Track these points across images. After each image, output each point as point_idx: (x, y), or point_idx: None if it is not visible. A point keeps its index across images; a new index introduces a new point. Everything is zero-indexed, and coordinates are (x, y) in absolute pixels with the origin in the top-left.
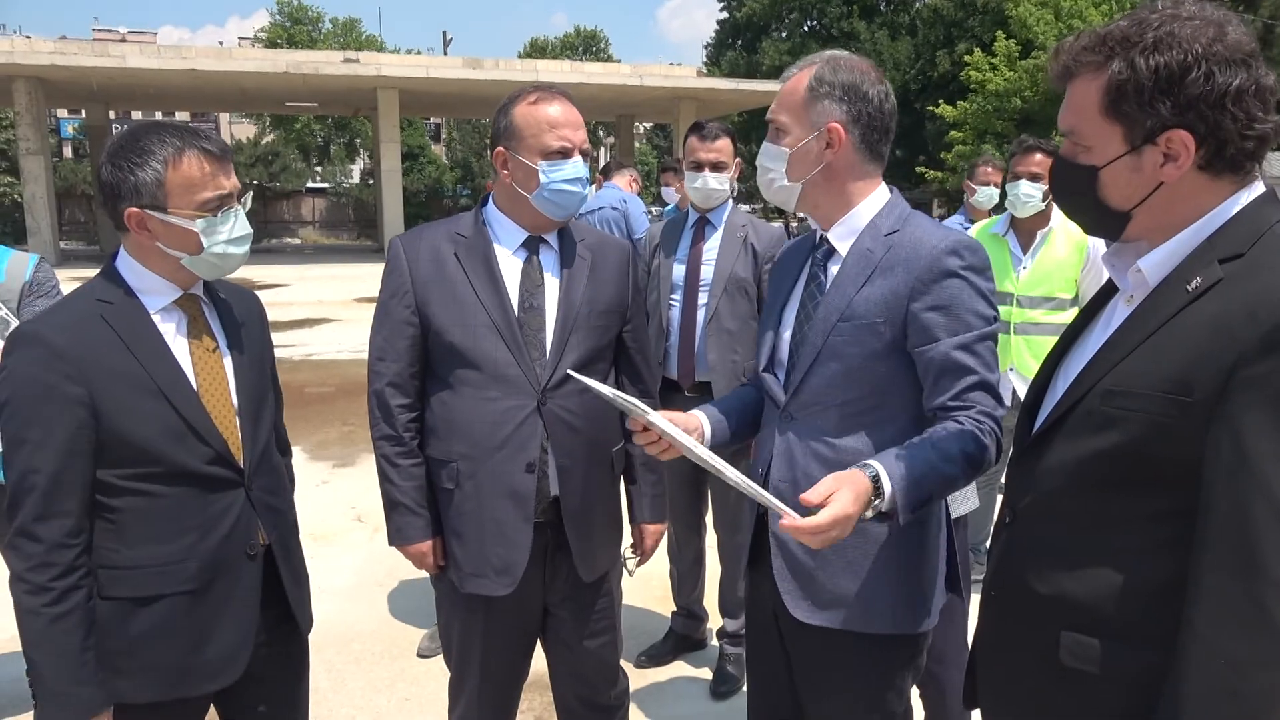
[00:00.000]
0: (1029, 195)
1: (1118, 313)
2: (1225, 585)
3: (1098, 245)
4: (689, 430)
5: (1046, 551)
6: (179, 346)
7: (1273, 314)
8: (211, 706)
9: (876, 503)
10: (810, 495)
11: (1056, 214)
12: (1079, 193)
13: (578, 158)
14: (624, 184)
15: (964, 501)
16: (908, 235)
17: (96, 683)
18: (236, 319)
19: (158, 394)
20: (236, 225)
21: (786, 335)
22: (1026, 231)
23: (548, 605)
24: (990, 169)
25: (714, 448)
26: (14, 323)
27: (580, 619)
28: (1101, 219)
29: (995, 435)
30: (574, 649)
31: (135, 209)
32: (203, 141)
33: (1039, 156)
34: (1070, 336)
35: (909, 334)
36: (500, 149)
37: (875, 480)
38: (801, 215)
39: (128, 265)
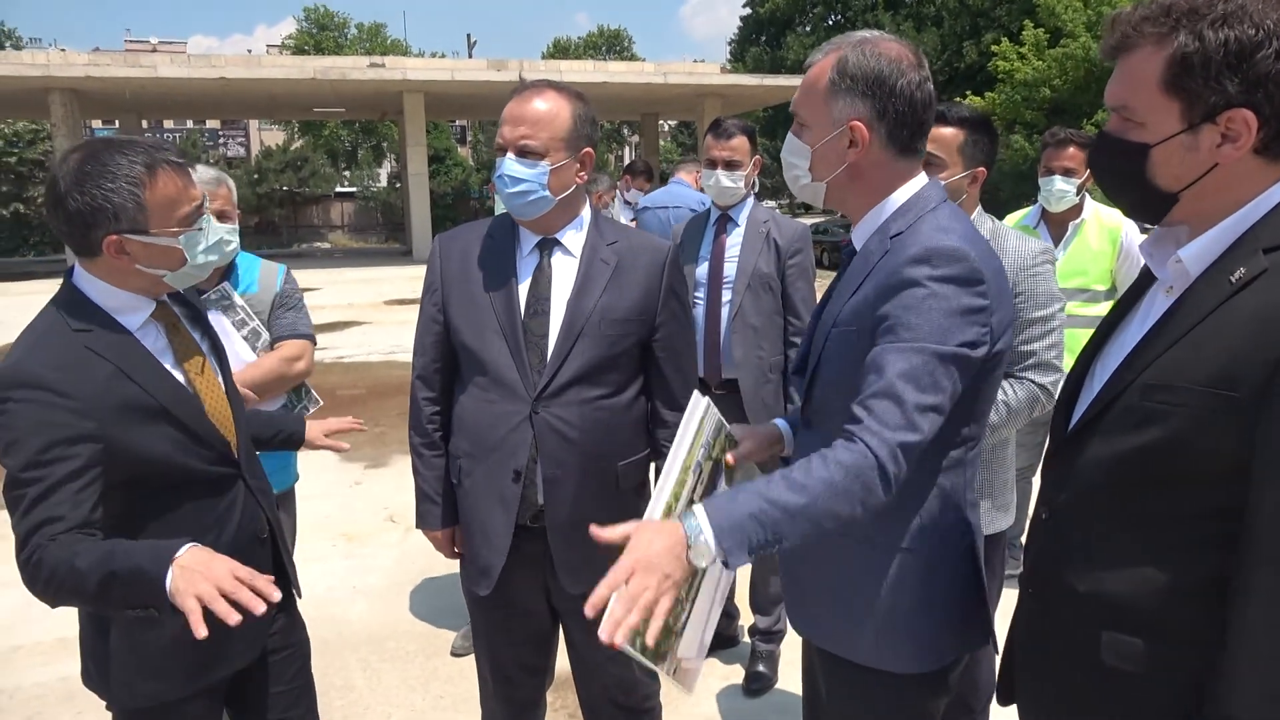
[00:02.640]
0: (1063, 191)
1: (1157, 304)
2: (1273, 585)
3: (1131, 235)
4: (771, 441)
5: (1086, 549)
6: (166, 359)
7: None
8: None
9: (695, 550)
10: (603, 532)
11: (1089, 205)
12: (1125, 172)
13: (508, 156)
14: (691, 180)
15: (994, 521)
16: (907, 238)
17: (156, 545)
18: (199, 317)
19: (162, 413)
20: (211, 232)
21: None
22: (1058, 223)
23: (558, 611)
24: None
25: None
26: (264, 334)
27: (586, 631)
28: (1146, 200)
29: (874, 461)
30: (587, 658)
31: (115, 235)
32: (167, 154)
33: (1073, 150)
34: (1107, 328)
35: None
36: None
37: (694, 525)
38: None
39: (94, 287)
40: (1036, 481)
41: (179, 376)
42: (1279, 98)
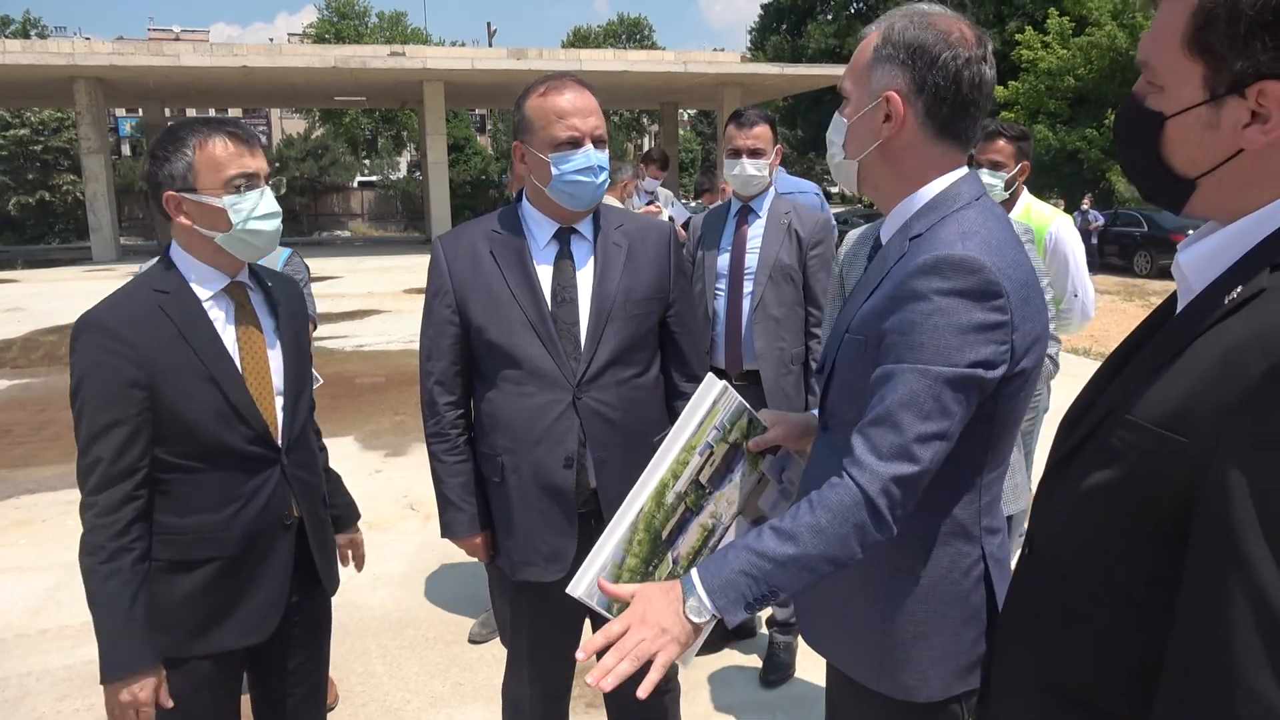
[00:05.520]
0: (989, 185)
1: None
2: (1191, 680)
3: (1063, 233)
4: (806, 430)
5: (1044, 597)
6: (227, 333)
7: None
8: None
9: (690, 604)
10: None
11: (1022, 200)
12: (1140, 145)
13: (589, 147)
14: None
15: (1011, 501)
16: (924, 242)
17: (141, 642)
18: (282, 306)
19: (209, 380)
20: (263, 203)
21: None
22: None
23: None
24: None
25: None
26: None
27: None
28: (1161, 183)
29: (863, 498)
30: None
31: (172, 193)
32: (230, 127)
33: (1001, 143)
34: (1126, 348)
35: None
36: (517, 143)
37: (690, 584)
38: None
39: (179, 256)
40: None
41: (233, 351)
42: None
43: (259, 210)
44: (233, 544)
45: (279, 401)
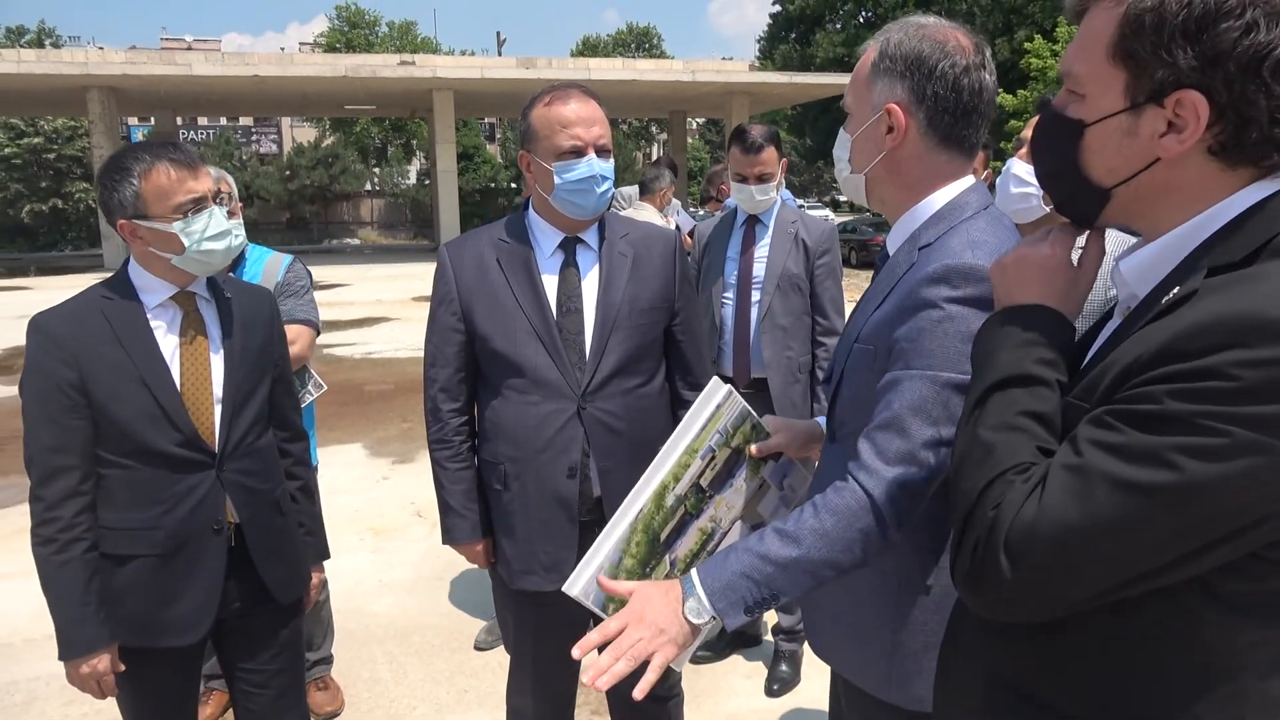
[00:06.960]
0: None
1: (1109, 327)
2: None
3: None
4: (811, 437)
5: None
6: (168, 340)
7: (1193, 338)
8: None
9: (689, 605)
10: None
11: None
12: (1058, 155)
13: (591, 156)
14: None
15: None
16: (933, 251)
17: (98, 623)
18: (238, 317)
19: (139, 381)
20: (212, 223)
21: None
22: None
23: None
24: None
25: None
26: None
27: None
28: (1076, 193)
29: (868, 502)
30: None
31: (124, 220)
32: (171, 153)
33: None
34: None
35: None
36: (523, 153)
37: (690, 585)
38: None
39: (134, 268)
40: None
41: (171, 357)
42: (1242, 85)
43: (210, 231)
44: (159, 544)
45: (218, 409)
